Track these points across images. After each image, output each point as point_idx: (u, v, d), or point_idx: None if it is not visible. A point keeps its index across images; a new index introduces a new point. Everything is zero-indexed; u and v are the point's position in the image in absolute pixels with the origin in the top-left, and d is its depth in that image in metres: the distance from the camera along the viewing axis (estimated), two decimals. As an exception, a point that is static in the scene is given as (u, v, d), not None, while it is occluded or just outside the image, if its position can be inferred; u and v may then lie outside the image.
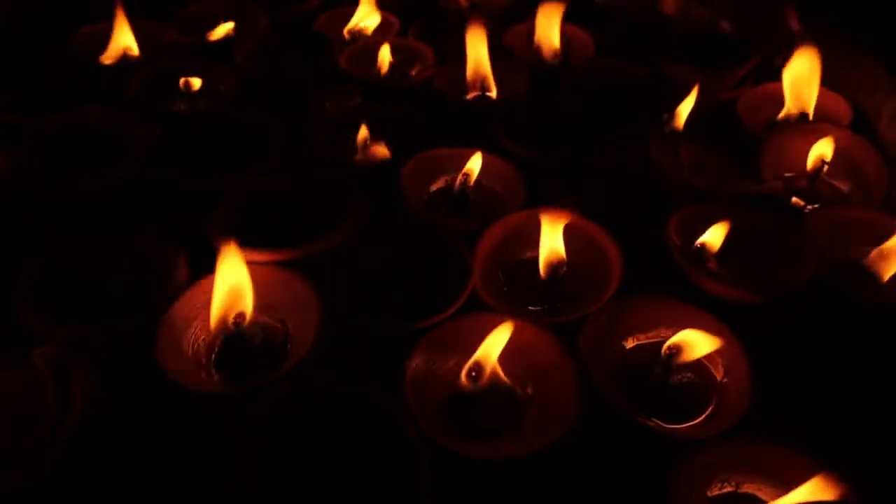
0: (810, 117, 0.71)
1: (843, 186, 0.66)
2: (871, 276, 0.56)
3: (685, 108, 0.68)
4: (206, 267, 0.54)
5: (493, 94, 0.74)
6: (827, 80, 0.71)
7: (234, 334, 0.51)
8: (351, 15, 0.86)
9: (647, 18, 0.92)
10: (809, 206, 0.64)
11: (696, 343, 0.47)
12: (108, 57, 0.77)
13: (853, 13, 0.66)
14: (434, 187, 0.65)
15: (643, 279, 0.54)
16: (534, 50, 0.81)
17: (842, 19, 0.68)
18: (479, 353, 0.47)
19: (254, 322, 0.52)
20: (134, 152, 0.65)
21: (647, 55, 0.81)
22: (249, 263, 0.51)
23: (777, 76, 0.76)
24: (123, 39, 0.77)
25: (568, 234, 0.56)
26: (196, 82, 0.73)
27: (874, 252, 0.55)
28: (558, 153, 0.67)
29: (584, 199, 0.61)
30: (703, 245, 0.55)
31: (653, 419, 0.47)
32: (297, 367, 0.48)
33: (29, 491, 0.42)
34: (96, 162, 0.65)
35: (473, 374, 0.47)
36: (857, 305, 0.54)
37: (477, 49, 0.74)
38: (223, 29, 0.81)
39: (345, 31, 0.84)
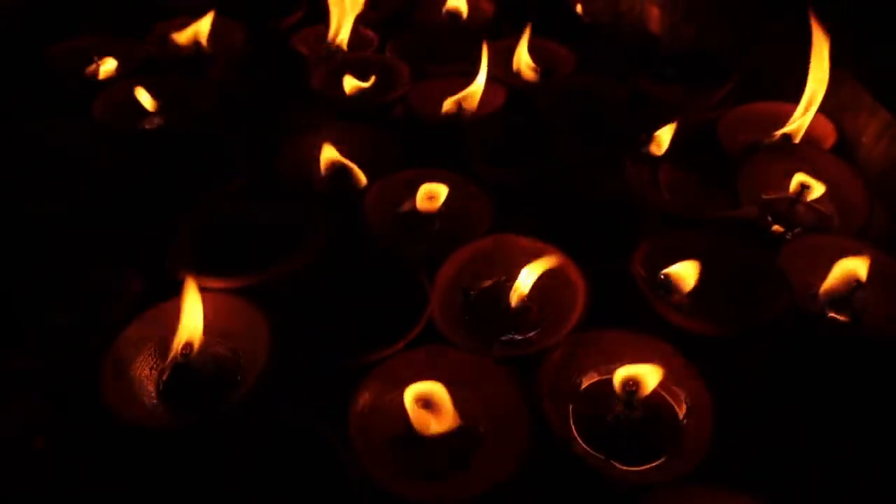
0: (796, 140, 0.69)
1: (824, 210, 0.64)
2: (848, 307, 0.54)
3: (665, 134, 0.66)
4: (161, 293, 0.53)
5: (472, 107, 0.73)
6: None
7: (183, 365, 0.49)
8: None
9: (632, 37, 0.90)
10: (788, 233, 0.61)
11: (650, 373, 0.46)
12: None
13: (833, 34, 0.64)
14: (400, 210, 0.63)
15: (609, 310, 0.52)
16: (513, 67, 0.80)
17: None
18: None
19: (204, 352, 0.50)
20: (96, 171, 0.64)
21: (630, 74, 0.79)
22: (205, 292, 0.50)
23: (759, 96, 0.74)
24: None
25: (532, 258, 0.55)
26: (144, 96, 0.71)
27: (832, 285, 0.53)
28: (531, 175, 0.65)
29: (553, 223, 0.60)
30: (668, 276, 0.53)
31: (610, 461, 0.45)
32: (242, 401, 0.46)
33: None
34: (58, 179, 0.64)
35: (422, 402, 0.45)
36: (834, 339, 0.52)
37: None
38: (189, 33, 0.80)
39: (323, 47, 0.83)
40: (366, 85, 0.76)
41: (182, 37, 0.80)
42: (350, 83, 0.74)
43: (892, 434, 0.49)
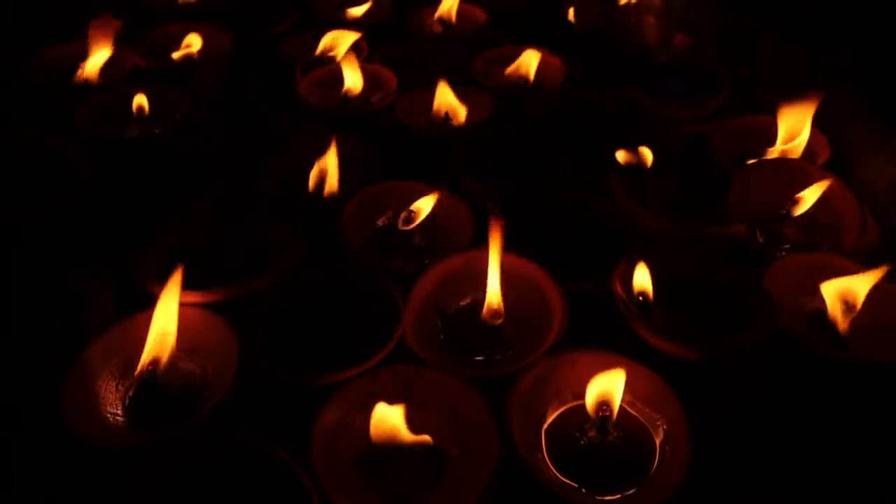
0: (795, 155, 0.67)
1: (815, 228, 0.62)
2: (838, 329, 0.52)
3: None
4: (132, 306, 0.52)
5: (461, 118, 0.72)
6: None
7: (149, 381, 0.48)
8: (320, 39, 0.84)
9: (625, 47, 0.89)
10: (778, 251, 0.60)
11: (611, 388, 0.44)
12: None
13: (830, 46, 0.63)
14: (379, 224, 0.62)
15: (588, 330, 0.51)
16: (502, 76, 0.79)
17: (819, 53, 0.65)
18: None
19: (172, 368, 0.49)
20: (75, 179, 0.63)
21: (622, 85, 0.78)
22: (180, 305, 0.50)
23: (754, 109, 0.73)
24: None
25: (512, 278, 0.54)
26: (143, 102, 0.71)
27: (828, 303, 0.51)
28: (515, 188, 0.64)
29: (534, 237, 0.59)
30: (643, 294, 0.51)
31: (582, 488, 0.43)
32: (205, 419, 0.45)
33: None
34: (34, 188, 0.64)
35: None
36: (818, 363, 0.50)
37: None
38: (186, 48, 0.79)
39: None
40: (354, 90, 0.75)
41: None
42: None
43: (881, 463, 0.47)
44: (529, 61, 0.79)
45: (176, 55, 0.80)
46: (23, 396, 0.48)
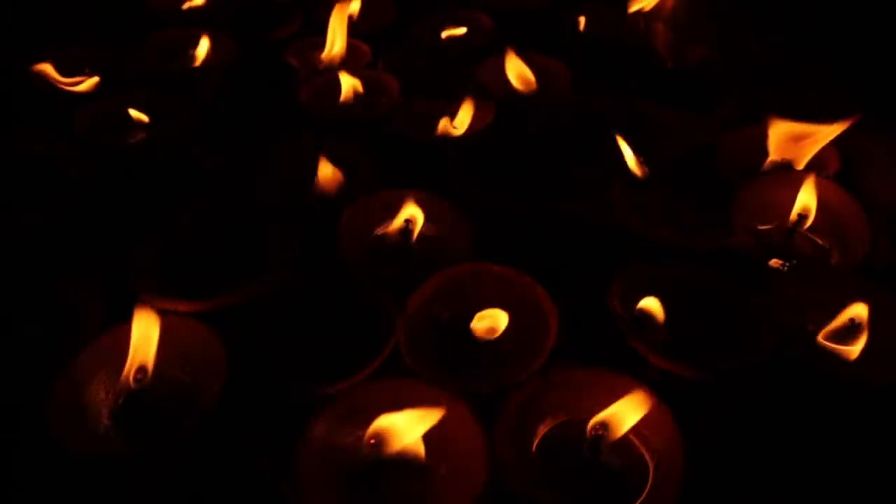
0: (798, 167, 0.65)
1: (823, 243, 0.60)
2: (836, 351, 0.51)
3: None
4: (125, 314, 0.52)
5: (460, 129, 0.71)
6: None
7: (137, 390, 0.48)
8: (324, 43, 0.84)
9: (633, 54, 0.87)
10: (783, 266, 0.58)
11: (623, 415, 0.43)
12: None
13: (839, 56, 0.61)
14: (377, 232, 0.61)
15: (583, 345, 0.50)
16: (506, 83, 0.78)
17: (828, 62, 0.63)
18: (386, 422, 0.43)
19: (160, 378, 0.48)
20: (73, 184, 0.63)
21: (628, 92, 0.77)
22: (164, 315, 0.49)
23: (762, 118, 0.71)
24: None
25: (508, 290, 0.53)
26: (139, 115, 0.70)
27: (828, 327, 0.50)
28: (514, 197, 0.63)
29: (533, 248, 0.58)
30: (643, 311, 0.50)
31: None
32: (193, 429, 0.44)
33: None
34: (35, 191, 0.63)
35: (373, 441, 0.43)
36: (826, 383, 0.49)
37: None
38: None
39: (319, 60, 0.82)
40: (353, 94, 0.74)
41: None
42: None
43: (881, 486, 0.45)
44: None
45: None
46: (12, 402, 0.48)
